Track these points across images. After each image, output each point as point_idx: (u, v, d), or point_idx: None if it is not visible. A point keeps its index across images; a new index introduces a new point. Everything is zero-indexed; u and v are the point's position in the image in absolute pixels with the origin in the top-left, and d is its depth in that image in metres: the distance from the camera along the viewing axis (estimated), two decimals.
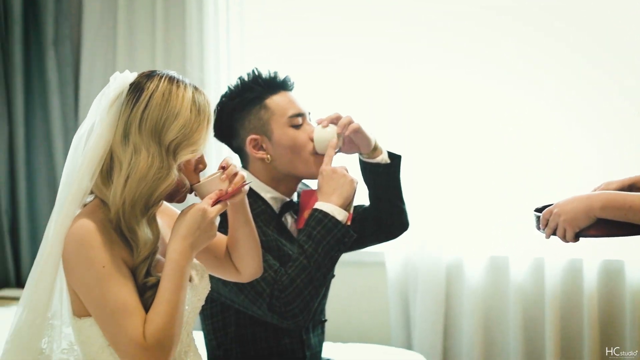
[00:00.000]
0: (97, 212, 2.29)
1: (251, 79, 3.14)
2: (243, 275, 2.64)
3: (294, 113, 3.11)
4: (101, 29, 5.08)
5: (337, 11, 4.80)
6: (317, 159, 3.12)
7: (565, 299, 4.42)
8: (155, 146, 2.27)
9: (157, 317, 2.20)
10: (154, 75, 2.34)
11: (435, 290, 4.56)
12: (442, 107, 4.60)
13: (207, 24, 4.81)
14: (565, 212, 2.56)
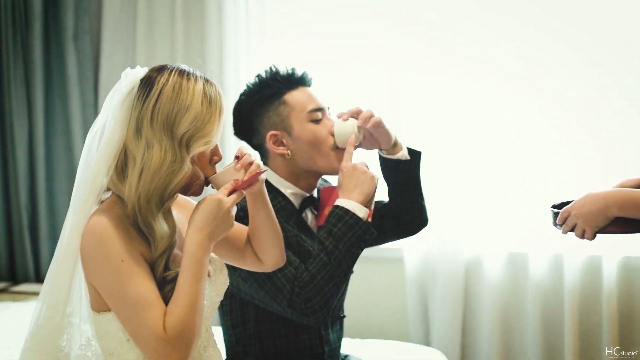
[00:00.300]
0: (114, 208, 2.29)
1: (269, 76, 3.14)
2: (266, 264, 2.64)
3: (314, 108, 3.11)
4: (121, 23, 5.09)
5: (353, 10, 4.80)
6: (337, 153, 3.11)
7: (584, 295, 4.41)
8: (168, 140, 2.27)
9: (177, 309, 2.20)
10: (164, 70, 2.34)
11: (454, 286, 4.56)
12: (461, 105, 4.60)
13: (226, 18, 4.81)
14: (583, 213, 2.57)
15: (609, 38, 4.36)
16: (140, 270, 2.23)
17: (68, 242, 2.31)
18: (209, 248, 2.30)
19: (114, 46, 5.09)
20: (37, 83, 5.10)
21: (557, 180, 4.46)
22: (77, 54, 5.09)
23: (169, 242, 2.28)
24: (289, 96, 3.11)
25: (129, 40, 5.09)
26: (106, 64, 5.09)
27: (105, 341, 2.33)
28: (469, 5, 4.56)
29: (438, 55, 4.59)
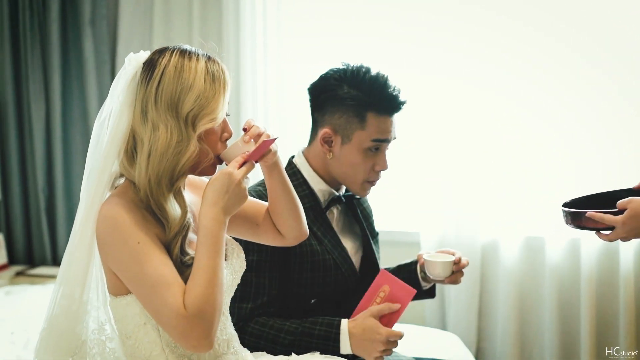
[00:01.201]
0: (128, 192, 2.31)
1: (372, 82, 3.03)
2: (287, 238, 2.64)
3: (379, 138, 3.03)
4: (138, 8, 5.09)
5: (368, 11, 4.83)
6: (364, 185, 3.09)
7: (601, 280, 4.41)
8: (173, 120, 2.27)
9: (196, 285, 2.20)
10: (166, 51, 2.33)
11: (470, 270, 4.55)
12: (481, 95, 4.61)
13: (243, 2, 4.80)
14: (632, 230, 2.64)
15: (609, 38, 4.37)
16: (157, 250, 2.23)
17: (82, 228, 2.33)
18: (224, 222, 2.28)
19: (131, 31, 5.10)
20: (54, 67, 5.11)
21: (574, 165, 4.47)
22: (94, 38, 5.10)
23: (182, 222, 2.29)
24: (371, 116, 3.02)
25: (145, 25, 5.09)
26: (123, 49, 5.09)
27: (123, 325, 2.34)
28: (472, 6, 4.56)
29: (461, 55, 4.61)
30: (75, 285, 2.37)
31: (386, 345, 2.81)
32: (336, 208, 3.17)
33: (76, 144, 5.20)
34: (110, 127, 2.32)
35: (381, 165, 3.07)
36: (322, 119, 3.08)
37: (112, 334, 2.41)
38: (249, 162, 2.34)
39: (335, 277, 3.04)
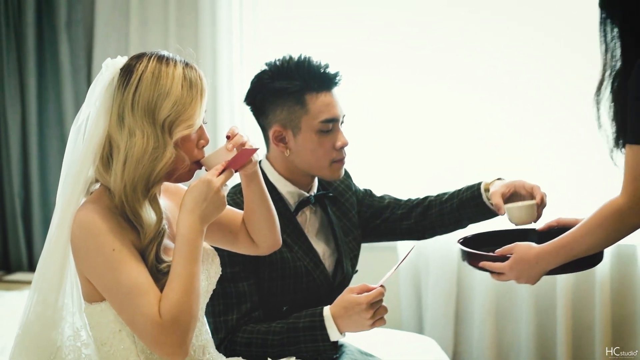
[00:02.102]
0: (103, 198, 2.30)
1: (298, 66, 3.04)
2: (261, 247, 2.64)
3: (327, 118, 3.02)
4: (114, 12, 5.08)
5: (346, 11, 4.82)
6: (334, 166, 3.07)
7: (577, 284, 4.42)
8: (150, 126, 2.26)
9: (172, 293, 2.20)
10: (143, 56, 2.33)
11: (447, 274, 4.56)
12: (464, 95, 4.64)
13: (219, 6, 4.81)
14: (520, 276, 2.71)
15: None
16: (132, 258, 2.23)
17: (57, 234, 2.33)
18: (202, 230, 2.28)
19: (107, 35, 5.09)
20: (30, 72, 5.09)
21: (546, 168, 4.49)
22: (70, 42, 5.09)
23: (158, 229, 2.28)
24: (309, 98, 3.01)
25: (121, 30, 5.09)
26: (99, 53, 5.08)
27: (98, 331, 2.33)
28: (465, 4, 4.58)
29: (445, 54, 4.63)
30: (50, 292, 2.37)
31: (372, 311, 2.79)
32: (309, 209, 3.15)
33: (52, 148, 5.19)
34: (87, 133, 2.31)
35: (341, 141, 3.05)
36: (267, 121, 3.07)
37: (88, 340, 2.40)
38: (228, 170, 2.34)
39: (307, 284, 3.03)
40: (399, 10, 4.66)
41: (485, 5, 4.58)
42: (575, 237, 2.60)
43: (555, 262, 2.65)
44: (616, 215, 2.50)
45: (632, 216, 2.49)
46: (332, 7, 4.82)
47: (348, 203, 3.30)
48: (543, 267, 2.67)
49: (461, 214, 3.26)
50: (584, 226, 2.59)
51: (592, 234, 2.56)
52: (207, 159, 2.39)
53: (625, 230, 2.53)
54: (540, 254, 2.66)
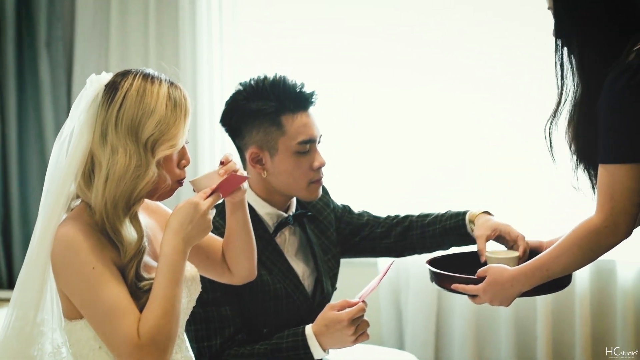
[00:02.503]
0: (83, 215, 2.29)
1: (273, 86, 3.02)
2: (235, 277, 2.65)
3: (304, 139, 3.01)
4: (94, 30, 5.07)
5: (330, 11, 4.81)
6: (312, 186, 3.07)
7: (557, 298, 4.42)
8: (133, 144, 2.26)
9: (151, 315, 2.20)
10: (129, 74, 2.33)
11: (427, 289, 4.56)
12: (451, 95, 4.64)
13: (200, 26, 4.81)
14: (494, 299, 2.71)
15: None
16: (112, 276, 2.23)
17: (38, 250, 2.32)
18: (185, 252, 2.28)
19: (87, 53, 5.07)
20: (9, 89, 5.07)
21: (530, 181, 4.50)
22: (49, 60, 5.07)
23: (138, 247, 2.28)
24: (286, 120, 3.00)
25: (101, 47, 5.07)
26: (79, 71, 5.06)
27: (77, 349, 2.33)
28: (462, 4, 4.59)
29: (431, 64, 4.63)
30: (29, 308, 2.36)
31: (354, 327, 2.79)
32: (287, 229, 3.14)
33: (32, 166, 5.16)
34: (70, 149, 2.31)
35: (318, 161, 3.06)
36: (243, 142, 3.06)
37: (68, 356, 2.40)
38: (216, 194, 2.35)
39: (287, 306, 3.03)
40: (384, 8, 4.67)
41: (474, 22, 4.58)
42: (551, 257, 2.61)
43: (530, 283, 2.66)
44: (592, 234, 2.52)
45: (608, 235, 2.51)
46: (314, 27, 4.82)
47: (327, 221, 3.30)
48: (518, 289, 2.67)
49: (444, 240, 3.28)
50: (559, 247, 2.60)
51: (568, 254, 2.57)
52: (197, 181, 2.39)
53: (601, 249, 2.55)
54: (515, 277, 2.67)
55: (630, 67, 2.45)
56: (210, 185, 2.36)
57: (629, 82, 2.43)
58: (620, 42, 2.55)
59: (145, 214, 2.48)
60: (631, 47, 2.52)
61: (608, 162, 2.48)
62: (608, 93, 2.47)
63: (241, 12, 4.85)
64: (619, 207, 2.48)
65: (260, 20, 4.85)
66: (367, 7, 4.71)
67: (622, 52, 2.53)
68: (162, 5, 4.93)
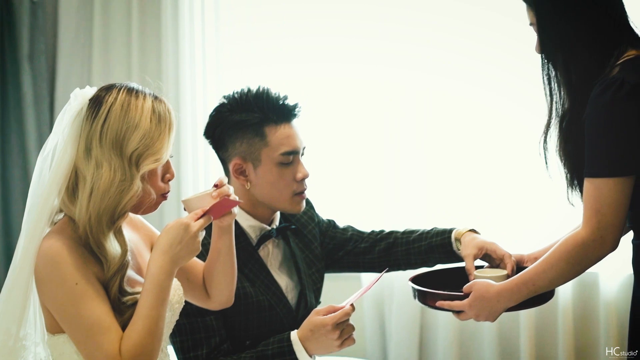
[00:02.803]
0: (67, 229, 2.29)
1: (256, 98, 3.03)
2: (213, 302, 2.65)
3: (287, 150, 3.02)
4: (76, 43, 5.06)
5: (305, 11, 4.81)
6: (296, 198, 3.08)
7: (540, 313, 4.43)
8: (117, 159, 2.27)
9: (134, 334, 2.20)
10: (113, 88, 2.33)
11: (411, 302, 4.55)
12: (420, 109, 4.62)
13: (182, 39, 4.81)
14: (480, 314, 2.73)
15: None
16: (95, 293, 2.23)
17: (21, 265, 2.31)
18: (172, 272, 2.28)
19: (70, 66, 5.06)
20: None
21: (523, 193, 4.49)
22: (32, 73, 5.06)
23: (122, 261, 2.28)
24: (269, 131, 3.01)
25: (84, 60, 5.06)
26: (62, 84, 5.06)
27: None
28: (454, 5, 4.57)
29: (417, 54, 4.59)
30: (12, 322, 2.35)
31: (338, 332, 2.80)
32: (271, 242, 3.14)
33: (15, 179, 5.14)
34: (54, 163, 2.31)
35: (302, 173, 3.06)
36: (227, 154, 3.07)
37: None
38: (207, 216, 2.35)
39: (270, 318, 3.03)
40: (369, 6, 4.65)
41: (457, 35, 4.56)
42: (537, 272, 2.63)
43: (517, 299, 2.68)
44: (579, 248, 2.54)
45: (596, 249, 2.53)
46: (296, 42, 4.81)
47: (311, 235, 3.31)
48: (504, 305, 2.69)
49: (429, 257, 3.29)
50: (546, 261, 2.62)
51: (554, 268, 2.59)
52: (189, 201, 2.39)
53: (588, 263, 2.57)
54: (501, 292, 2.68)
55: (614, 81, 2.47)
56: (202, 207, 2.36)
57: (613, 96, 2.45)
58: (605, 55, 2.57)
59: (129, 228, 2.48)
60: (615, 61, 2.55)
61: (594, 176, 2.51)
62: (593, 107, 2.49)
63: (224, 27, 4.85)
64: (605, 221, 2.50)
65: (242, 36, 4.85)
66: (349, 5, 4.70)
67: (607, 66, 2.55)
68: (144, 19, 4.93)
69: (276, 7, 4.83)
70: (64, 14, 5.04)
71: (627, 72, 2.50)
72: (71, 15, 5.04)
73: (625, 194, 2.50)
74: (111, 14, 4.96)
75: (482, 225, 4.23)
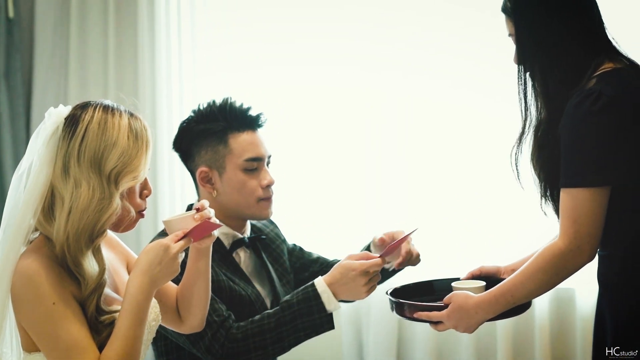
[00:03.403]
0: (43, 248, 2.28)
1: (221, 108, 3.12)
2: (185, 325, 2.65)
3: (251, 157, 3.10)
4: (53, 61, 5.05)
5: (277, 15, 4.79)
6: (262, 204, 3.13)
7: (517, 327, 4.44)
8: (96, 177, 2.27)
9: (113, 353, 2.20)
10: (89, 106, 2.33)
11: (388, 319, 4.56)
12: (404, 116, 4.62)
13: (159, 56, 4.81)
14: (459, 325, 2.73)
15: None
16: (73, 313, 2.22)
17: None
18: (151, 292, 2.29)
19: (46, 83, 5.05)
20: None
21: (497, 205, 4.49)
22: (8, 91, 5.04)
23: (99, 280, 2.28)
24: (232, 138, 3.10)
25: (60, 78, 5.04)
26: (38, 102, 5.03)
27: None
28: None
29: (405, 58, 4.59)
30: None
31: (366, 279, 2.84)
32: (243, 251, 3.18)
33: None
34: (29, 182, 2.30)
35: (267, 179, 3.13)
36: (194, 164, 3.14)
37: None
38: (187, 239, 2.35)
39: (250, 315, 3.03)
40: (346, 10, 4.65)
41: None
42: (515, 284, 2.64)
43: (495, 310, 2.68)
44: (557, 258, 2.55)
45: (575, 258, 2.54)
46: (271, 52, 4.81)
47: (279, 249, 3.37)
48: (482, 316, 2.70)
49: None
50: (523, 273, 2.63)
51: (532, 279, 2.60)
52: (170, 222, 2.39)
53: (566, 273, 2.58)
54: (479, 304, 2.69)
55: (592, 93, 2.49)
56: (183, 228, 2.36)
57: (591, 108, 2.48)
58: (582, 67, 2.60)
59: (106, 247, 2.47)
60: (592, 73, 2.57)
61: (571, 186, 2.52)
62: (571, 117, 2.52)
63: (200, 44, 4.85)
64: (583, 231, 2.51)
65: (219, 53, 4.85)
66: (331, 10, 4.70)
67: (584, 77, 2.57)
68: (121, 36, 4.92)
69: (254, 11, 4.84)
70: (40, 31, 5.02)
71: (604, 84, 2.52)
72: (47, 32, 5.02)
73: (601, 204, 2.51)
74: (87, 31, 4.94)
75: (464, 232, 4.28)
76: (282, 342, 2.88)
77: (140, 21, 4.84)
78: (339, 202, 4.73)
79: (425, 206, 4.61)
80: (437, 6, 4.52)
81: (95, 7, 4.92)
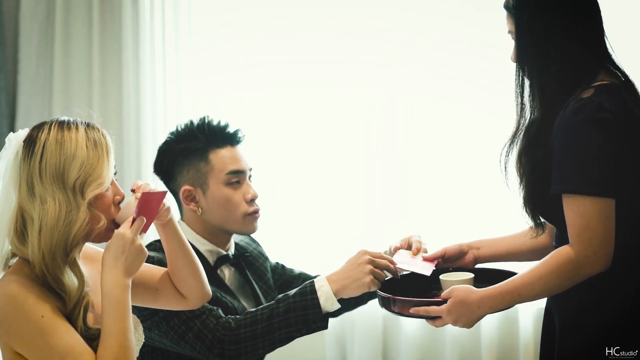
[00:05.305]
0: (23, 269, 2.31)
1: (199, 127, 3.16)
2: (189, 299, 2.66)
3: (233, 169, 3.14)
4: (37, 80, 5.04)
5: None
6: (248, 219, 3.15)
7: (502, 346, 4.45)
8: (60, 191, 2.29)
9: (107, 351, 2.23)
10: (44, 125, 2.36)
11: (373, 338, 4.57)
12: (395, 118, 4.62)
13: (143, 72, 4.82)
14: (459, 321, 2.69)
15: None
16: (62, 322, 2.25)
17: None
18: (127, 284, 2.31)
19: (30, 103, 5.03)
20: None
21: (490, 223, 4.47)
22: None
23: (81, 292, 2.29)
24: (213, 154, 3.14)
25: (45, 97, 5.03)
26: (22, 121, 5.00)
27: None
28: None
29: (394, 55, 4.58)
30: None
31: (371, 267, 2.83)
32: (227, 268, 3.21)
33: None
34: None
35: (251, 193, 3.17)
36: (176, 184, 3.18)
37: None
38: (139, 219, 2.36)
39: None
40: (334, 9, 4.64)
41: None
42: (524, 283, 2.61)
43: (499, 307, 2.66)
44: (571, 265, 2.53)
45: (589, 265, 2.52)
46: (263, 53, 4.79)
47: (263, 267, 3.40)
48: (484, 312, 2.67)
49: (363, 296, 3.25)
50: (533, 274, 2.60)
51: (544, 281, 2.58)
52: (119, 216, 2.42)
53: (580, 278, 2.56)
54: (483, 299, 2.66)
55: (591, 103, 2.49)
56: (131, 213, 2.37)
57: (591, 117, 2.48)
58: (580, 74, 2.59)
59: (84, 262, 2.47)
60: (588, 83, 2.57)
61: (578, 194, 2.51)
62: (569, 124, 2.51)
63: (184, 61, 4.86)
64: (598, 236, 2.50)
65: (203, 66, 4.85)
66: (320, 9, 4.69)
67: (581, 84, 2.57)
68: (105, 56, 4.92)
69: (241, 14, 4.82)
70: (24, 50, 5.02)
71: (602, 97, 2.52)
72: (31, 51, 5.02)
73: (612, 209, 2.51)
74: (72, 51, 4.93)
75: (464, 231, 4.26)
76: (273, 335, 2.85)
77: (124, 40, 4.84)
78: (338, 202, 4.72)
79: (425, 206, 4.61)
80: (438, 5, 4.53)
81: (79, 27, 4.91)
